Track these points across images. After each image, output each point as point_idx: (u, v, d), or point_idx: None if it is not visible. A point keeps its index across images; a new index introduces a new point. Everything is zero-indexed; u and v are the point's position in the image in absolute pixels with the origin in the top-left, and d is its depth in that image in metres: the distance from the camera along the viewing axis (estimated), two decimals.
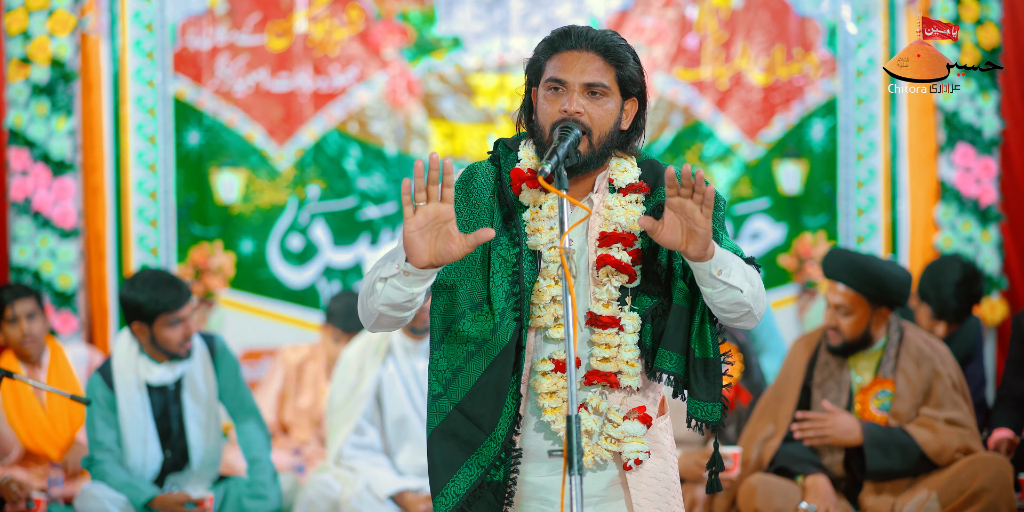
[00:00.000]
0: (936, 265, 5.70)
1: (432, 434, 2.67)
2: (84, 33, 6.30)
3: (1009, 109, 6.59)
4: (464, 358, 2.64)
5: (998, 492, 4.43)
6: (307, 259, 6.62)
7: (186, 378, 4.88)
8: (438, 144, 6.62)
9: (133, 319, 4.79)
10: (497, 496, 2.66)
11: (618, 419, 2.65)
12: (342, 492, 5.00)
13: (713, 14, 6.68)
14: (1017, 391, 5.08)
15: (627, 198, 2.69)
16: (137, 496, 4.71)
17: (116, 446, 4.81)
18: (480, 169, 2.74)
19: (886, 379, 4.63)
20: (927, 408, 4.60)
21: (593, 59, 2.65)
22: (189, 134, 6.49)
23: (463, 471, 2.64)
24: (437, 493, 2.66)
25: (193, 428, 4.88)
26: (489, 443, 2.62)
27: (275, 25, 6.52)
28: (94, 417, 4.79)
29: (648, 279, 2.67)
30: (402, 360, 5.13)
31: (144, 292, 4.73)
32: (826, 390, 4.69)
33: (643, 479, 2.69)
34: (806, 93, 6.72)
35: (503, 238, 2.66)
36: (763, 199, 6.74)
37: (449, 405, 2.65)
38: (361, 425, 5.10)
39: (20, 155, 6.23)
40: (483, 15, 6.63)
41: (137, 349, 4.84)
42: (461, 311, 2.64)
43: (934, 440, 4.52)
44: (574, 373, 2.46)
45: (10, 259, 6.26)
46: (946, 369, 4.65)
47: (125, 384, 4.80)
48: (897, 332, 4.69)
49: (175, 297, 4.75)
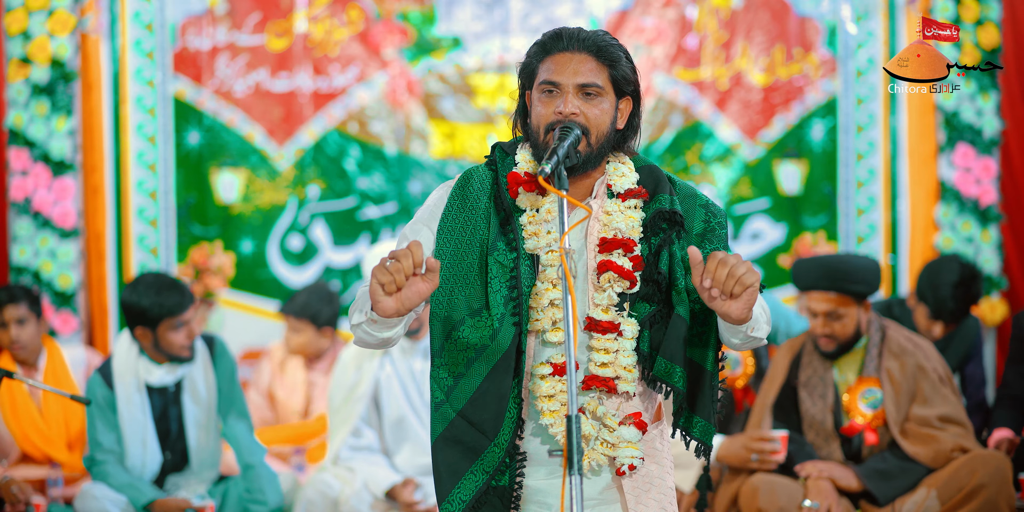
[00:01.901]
0: (934, 265, 5.70)
1: (436, 441, 2.66)
2: (84, 33, 6.30)
3: (1009, 109, 6.59)
4: (465, 365, 2.63)
5: (997, 488, 4.44)
6: (307, 259, 6.62)
7: (186, 380, 4.88)
8: (438, 144, 6.62)
9: (136, 323, 4.79)
10: (503, 501, 2.65)
11: (614, 424, 2.65)
12: (341, 491, 5.01)
13: (713, 14, 6.68)
14: (1017, 391, 5.08)
15: (626, 203, 2.68)
16: (138, 497, 4.71)
17: (117, 446, 4.81)
18: (477, 174, 2.73)
19: (870, 377, 4.64)
20: (917, 406, 4.62)
21: (586, 60, 2.64)
22: (189, 134, 6.49)
23: (468, 477, 2.63)
24: (443, 500, 2.65)
25: (192, 430, 4.88)
26: (493, 448, 2.62)
27: (275, 25, 6.52)
28: (94, 418, 4.79)
29: (647, 286, 2.66)
30: (399, 361, 5.13)
31: (147, 297, 4.73)
32: (811, 388, 4.71)
33: (638, 484, 2.69)
34: (806, 93, 6.72)
35: (500, 243, 2.65)
36: (763, 199, 6.74)
37: (452, 412, 2.64)
38: (358, 427, 5.10)
39: (20, 155, 6.23)
40: (483, 15, 6.63)
41: (137, 350, 4.84)
42: (460, 318, 2.63)
43: (927, 450, 4.54)
44: (574, 373, 2.45)
45: (10, 259, 6.26)
46: (930, 363, 4.67)
47: (125, 385, 4.80)
48: (879, 331, 4.72)
49: (179, 301, 4.75)
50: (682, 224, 2.68)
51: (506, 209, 2.68)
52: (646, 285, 2.66)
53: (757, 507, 4.52)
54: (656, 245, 2.66)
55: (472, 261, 2.66)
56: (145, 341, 4.79)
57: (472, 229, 2.67)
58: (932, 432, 4.57)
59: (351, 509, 4.96)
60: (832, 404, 4.68)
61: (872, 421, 4.62)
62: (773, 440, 4.60)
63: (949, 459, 4.55)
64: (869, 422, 4.62)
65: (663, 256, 2.66)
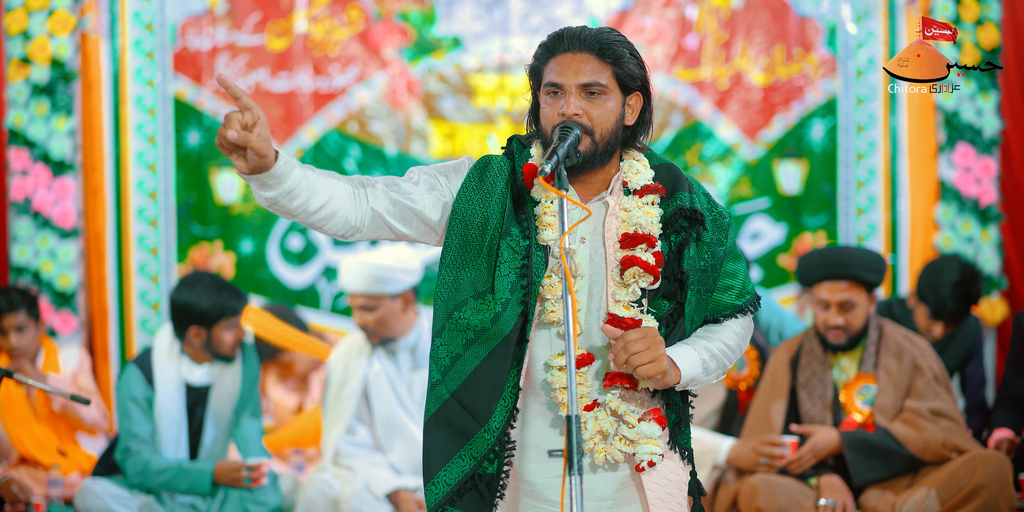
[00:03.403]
0: (934, 265, 5.70)
1: (428, 421, 2.68)
2: (84, 33, 6.30)
3: (1009, 109, 6.59)
4: (463, 346, 2.64)
5: (997, 489, 4.44)
6: (307, 259, 6.62)
7: (219, 380, 4.91)
8: (438, 144, 6.62)
9: (192, 323, 4.83)
10: (490, 489, 2.65)
11: (633, 420, 2.66)
12: (342, 491, 5.01)
13: (713, 14, 6.68)
14: (1017, 391, 5.08)
15: (643, 199, 2.71)
16: (198, 476, 4.70)
17: (152, 438, 4.83)
18: (495, 160, 2.75)
19: (868, 374, 4.66)
20: (910, 400, 4.64)
21: (588, 59, 2.66)
22: (189, 134, 6.49)
23: (455, 461, 2.64)
24: (428, 481, 2.66)
25: (210, 428, 4.93)
26: (483, 434, 2.63)
27: (275, 25, 6.52)
28: (128, 408, 4.80)
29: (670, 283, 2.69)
30: (386, 359, 5.14)
31: (207, 298, 4.79)
32: (811, 388, 4.72)
33: (657, 480, 2.71)
34: (806, 93, 6.71)
35: (514, 229, 2.66)
36: (763, 199, 6.74)
37: (446, 393, 2.65)
38: (351, 425, 5.11)
39: (20, 155, 6.23)
40: (483, 15, 6.62)
41: (179, 349, 4.88)
42: (463, 299, 2.65)
43: (917, 438, 4.55)
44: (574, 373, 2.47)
45: (10, 259, 6.26)
46: (926, 362, 4.69)
47: (166, 382, 4.84)
48: (876, 330, 4.74)
49: (237, 302, 4.85)
50: (703, 222, 2.70)
51: (521, 197, 2.69)
52: (668, 282, 2.68)
53: (757, 507, 4.52)
54: (677, 243, 2.68)
55: (482, 243, 2.66)
56: (198, 340, 4.84)
57: (486, 211, 2.67)
58: (922, 422, 4.58)
59: (352, 509, 4.96)
60: (831, 403, 4.69)
61: (869, 417, 4.63)
62: (783, 445, 4.61)
63: (938, 454, 4.56)
64: (866, 418, 4.63)
65: (685, 254, 2.68)
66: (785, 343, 4.89)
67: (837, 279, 4.68)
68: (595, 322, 2.68)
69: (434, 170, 2.74)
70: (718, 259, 2.73)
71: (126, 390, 4.80)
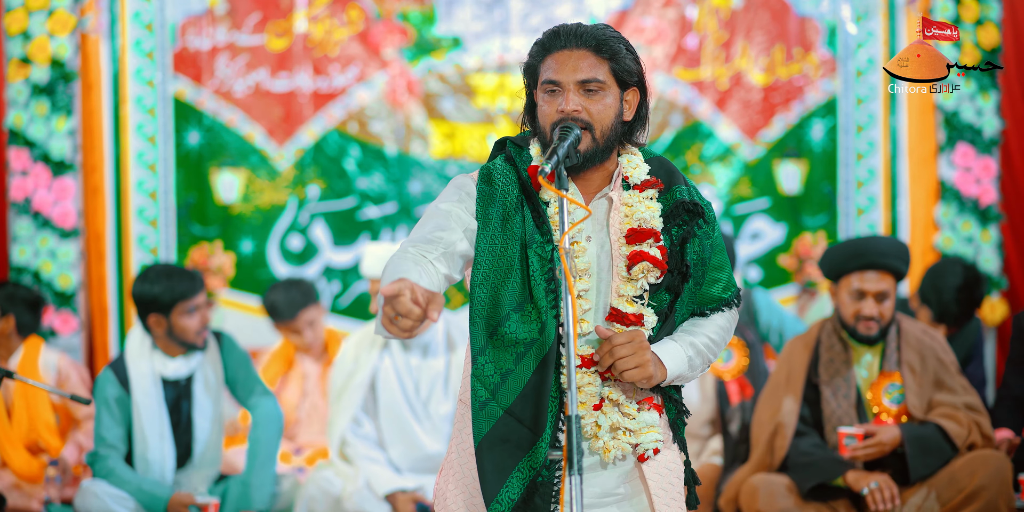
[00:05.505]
0: (937, 268, 5.69)
1: (482, 442, 2.62)
2: (84, 33, 6.30)
3: (1009, 109, 6.59)
4: (514, 360, 2.61)
5: (997, 490, 4.43)
6: (307, 259, 6.62)
7: (198, 372, 4.91)
8: (438, 144, 6.62)
9: (150, 311, 4.82)
10: (543, 497, 2.62)
11: (633, 411, 2.67)
12: (343, 488, 5.02)
13: (713, 14, 6.68)
14: (1017, 391, 5.07)
15: (644, 194, 2.72)
16: (152, 498, 4.71)
17: (120, 443, 4.82)
18: (497, 168, 2.73)
19: (892, 372, 4.63)
20: (943, 394, 4.61)
21: (585, 56, 2.66)
22: (189, 134, 6.49)
23: (515, 475, 2.61)
24: (492, 500, 2.61)
25: (200, 422, 4.92)
26: (540, 444, 2.60)
27: (275, 25, 6.52)
28: (101, 413, 4.81)
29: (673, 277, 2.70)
30: (398, 355, 5.14)
31: (158, 283, 4.78)
32: (835, 387, 4.67)
33: (657, 470, 2.72)
34: (806, 93, 6.72)
35: (537, 235, 2.65)
36: (763, 199, 6.75)
37: (499, 409, 2.61)
38: (358, 416, 5.12)
39: (20, 155, 6.23)
40: (483, 15, 6.63)
41: (150, 345, 4.88)
42: (505, 313, 2.62)
43: (963, 433, 4.53)
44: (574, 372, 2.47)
45: (10, 259, 6.26)
46: (948, 356, 4.70)
47: (141, 378, 4.83)
48: (894, 324, 4.71)
49: (190, 285, 4.82)
50: (703, 215, 2.71)
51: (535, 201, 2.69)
52: (671, 276, 2.69)
53: (756, 508, 4.51)
54: (680, 236, 2.69)
55: (513, 255, 2.65)
56: (159, 329, 4.83)
57: (509, 223, 2.67)
58: (962, 416, 4.56)
59: (353, 506, 4.97)
60: (855, 402, 4.65)
61: (897, 416, 4.61)
62: (851, 436, 4.51)
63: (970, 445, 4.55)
64: (894, 417, 4.61)
65: (688, 248, 2.68)
66: (800, 337, 4.81)
67: (875, 269, 4.63)
68: (604, 320, 2.69)
69: (454, 206, 2.68)
70: (708, 252, 2.73)
71: (100, 393, 4.80)
